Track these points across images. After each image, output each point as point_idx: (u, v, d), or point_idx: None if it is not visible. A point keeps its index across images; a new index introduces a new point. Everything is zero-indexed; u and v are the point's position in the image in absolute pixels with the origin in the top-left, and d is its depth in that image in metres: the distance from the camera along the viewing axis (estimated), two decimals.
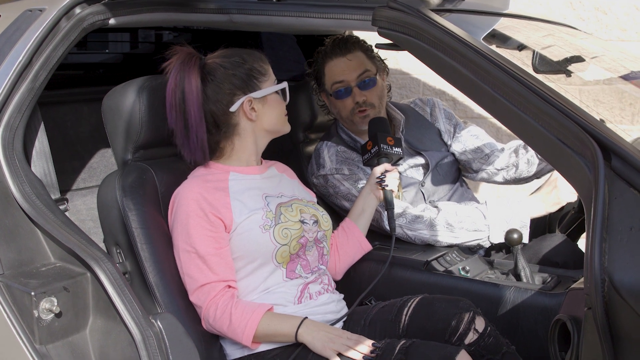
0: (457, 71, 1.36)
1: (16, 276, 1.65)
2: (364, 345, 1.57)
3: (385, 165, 1.98)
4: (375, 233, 2.12)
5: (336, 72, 2.22)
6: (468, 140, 2.38)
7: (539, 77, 1.38)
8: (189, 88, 1.69)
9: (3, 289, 1.62)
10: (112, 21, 1.86)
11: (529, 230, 2.05)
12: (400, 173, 2.22)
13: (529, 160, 2.30)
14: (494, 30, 1.69)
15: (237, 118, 1.76)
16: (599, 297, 1.08)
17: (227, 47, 1.81)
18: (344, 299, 1.86)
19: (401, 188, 2.23)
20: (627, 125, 2.92)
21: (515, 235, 1.85)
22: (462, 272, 1.93)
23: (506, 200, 2.12)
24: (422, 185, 2.27)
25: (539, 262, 2.06)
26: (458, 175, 2.41)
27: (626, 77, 2.01)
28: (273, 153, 1.98)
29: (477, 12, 1.70)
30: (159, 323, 1.57)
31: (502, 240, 2.05)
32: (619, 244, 1.09)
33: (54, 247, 1.72)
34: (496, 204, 2.10)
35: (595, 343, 1.11)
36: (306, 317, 1.64)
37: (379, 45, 1.58)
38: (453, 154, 2.39)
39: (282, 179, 1.90)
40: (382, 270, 1.82)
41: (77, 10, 1.81)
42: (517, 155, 2.32)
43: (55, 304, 1.59)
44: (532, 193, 2.17)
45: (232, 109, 1.73)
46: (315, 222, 1.79)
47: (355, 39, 2.28)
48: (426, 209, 2.13)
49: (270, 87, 1.78)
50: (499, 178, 2.39)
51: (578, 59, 1.96)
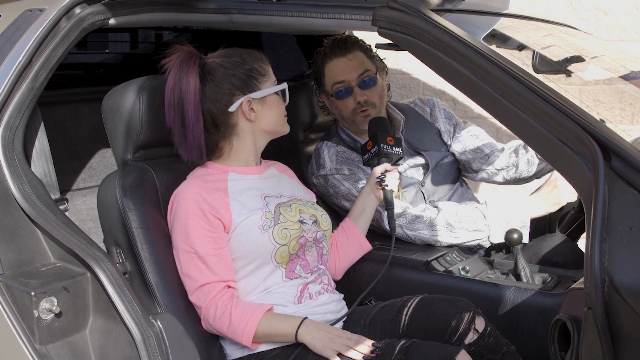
0: (457, 71, 1.36)
1: (16, 276, 1.65)
2: (364, 345, 1.57)
3: (385, 165, 1.98)
4: (375, 233, 2.12)
5: (336, 73, 2.22)
6: (468, 140, 2.38)
7: (539, 77, 1.38)
8: (187, 87, 1.69)
9: (3, 289, 1.62)
10: (112, 21, 1.86)
11: (529, 230, 2.05)
12: (400, 173, 2.22)
13: (529, 160, 2.30)
14: (494, 30, 1.69)
15: (236, 118, 1.75)
16: (599, 297, 1.08)
17: (228, 47, 1.81)
18: (344, 299, 1.86)
19: (401, 188, 2.23)
20: (627, 125, 2.92)
21: (515, 235, 1.85)
22: (462, 272, 1.93)
23: (506, 200, 2.12)
24: (422, 185, 2.27)
25: (539, 262, 2.06)
26: (458, 175, 2.40)
27: (626, 77, 2.01)
28: (273, 153, 1.98)
29: (477, 12, 1.70)
30: (159, 323, 1.57)
31: (502, 240, 2.05)
32: (619, 244, 1.09)
33: (54, 247, 1.72)
34: (496, 204, 2.10)
35: (595, 343, 1.11)
36: (306, 317, 1.64)
37: (379, 45, 1.58)
38: (453, 154, 2.39)
39: (281, 179, 1.89)
40: (382, 270, 1.82)
41: (77, 10, 1.81)
42: (517, 155, 2.32)
43: (55, 304, 1.59)
44: (532, 193, 2.17)
45: (231, 109, 1.73)
46: (315, 222, 1.79)
47: (355, 38, 2.28)
48: (426, 209, 2.13)
49: (269, 88, 1.78)
50: (499, 178, 2.39)
51: (578, 59, 1.96)
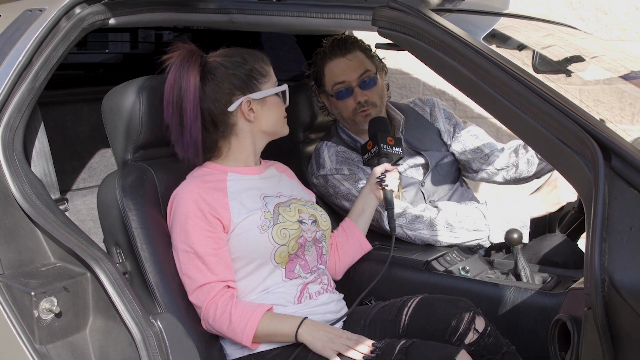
0: (457, 71, 1.36)
1: (16, 276, 1.65)
2: (364, 345, 1.57)
3: (385, 165, 1.98)
4: (375, 233, 2.12)
5: (337, 73, 2.22)
6: (468, 140, 2.38)
7: (539, 77, 1.38)
8: (187, 85, 1.69)
9: (3, 289, 1.62)
10: (112, 21, 1.86)
11: (529, 230, 2.05)
12: (400, 173, 2.22)
13: (529, 160, 2.30)
14: (494, 30, 1.69)
15: (235, 118, 1.75)
16: (599, 297, 1.08)
17: (229, 47, 1.81)
18: (344, 299, 1.85)
19: (401, 188, 2.23)
20: (627, 125, 2.92)
21: (515, 235, 1.85)
22: (462, 272, 1.93)
23: (506, 200, 2.12)
24: (422, 185, 2.27)
25: (539, 262, 2.06)
26: (458, 175, 2.40)
27: (626, 77, 2.01)
28: (273, 153, 1.98)
29: (477, 12, 1.70)
30: (159, 323, 1.57)
31: (502, 240, 2.04)
32: (619, 244, 1.09)
33: (54, 247, 1.72)
34: (496, 203, 2.10)
35: (595, 343, 1.10)
36: (306, 317, 1.64)
37: (379, 45, 1.58)
38: (453, 154, 2.39)
39: (281, 179, 1.89)
40: (382, 270, 1.82)
41: (77, 10, 1.81)
42: (517, 155, 2.32)
43: (55, 304, 1.59)
44: (532, 193, 2.17)
45: (231, 108, 1.73)
46: (314, 222, 1.79)
47: (354, 39, 2.27)
48: (426, 209, 2.13)
49: (270, 88, 1.77)
50: (499, 178, 2.39)
51: (578, 59, 1.96)
